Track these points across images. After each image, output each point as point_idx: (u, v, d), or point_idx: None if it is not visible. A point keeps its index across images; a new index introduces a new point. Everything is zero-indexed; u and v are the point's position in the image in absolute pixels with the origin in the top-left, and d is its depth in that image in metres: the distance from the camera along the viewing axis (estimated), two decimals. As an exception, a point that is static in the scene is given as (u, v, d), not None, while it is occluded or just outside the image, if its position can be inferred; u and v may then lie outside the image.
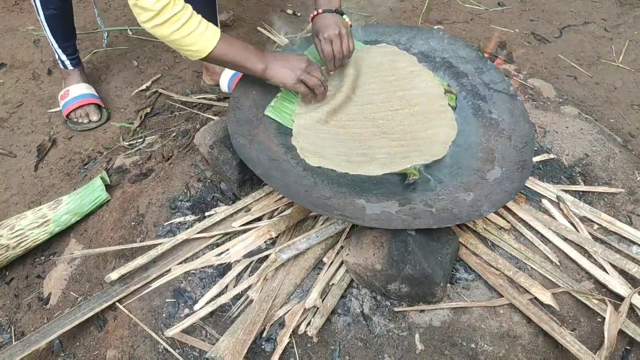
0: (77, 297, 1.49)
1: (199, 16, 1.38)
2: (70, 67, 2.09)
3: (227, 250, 1.42)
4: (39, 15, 1.91)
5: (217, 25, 2.10)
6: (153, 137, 1.98)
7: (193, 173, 1.66)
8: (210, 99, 2.13)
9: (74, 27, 2.05)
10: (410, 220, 1.28)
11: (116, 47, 2.48)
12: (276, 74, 1.49)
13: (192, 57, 1.43)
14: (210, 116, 1.90)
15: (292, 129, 1.54)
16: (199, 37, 1.37)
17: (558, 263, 1.43)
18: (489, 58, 1.97)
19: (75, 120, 2.08)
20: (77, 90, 2.09)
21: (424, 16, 2.54)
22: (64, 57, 2.06)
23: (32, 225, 1.61)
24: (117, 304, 1.40)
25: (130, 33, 2.56)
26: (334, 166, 1.44)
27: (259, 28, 2.30)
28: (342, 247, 1.44)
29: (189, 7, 1.36)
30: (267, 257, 1.41)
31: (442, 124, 1.56)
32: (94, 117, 2.08)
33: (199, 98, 2.15)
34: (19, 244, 1.60)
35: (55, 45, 2.01)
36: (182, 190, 1.61)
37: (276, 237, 1.44)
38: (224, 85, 2.10)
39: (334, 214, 1.26)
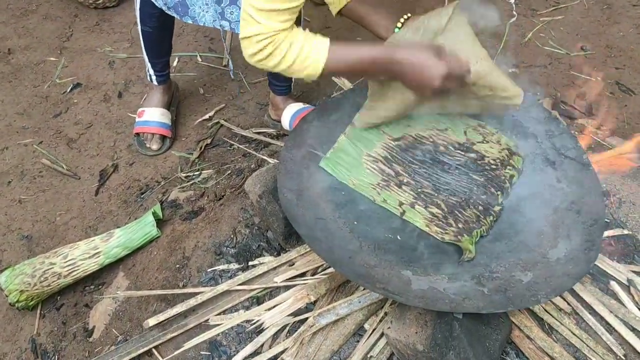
0: (118, 336, 1.50)
1: (302, 38, 1.27)
2: (156, 82, 2.13)
3: (269, 309, 1.38)
4: (138, 25, 1.93)
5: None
6: (209, 171, 1.99)
7: (242, 218, 1.64)
8: (270, 135, 2.12)
9: (170, 46, 2.07)
10: (458, 301, 1.19)
11: (185, 73, 2.52)
12: (408, 54, 1.27)
13: (308, 80, 1.34)
14: (265, 157, 1.88)
15: (345, 185, 1.48)
16: (303, 63, 1.27)
17: (623, 357, 1.29)
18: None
19: (142, 140, 2.14)
20: (152, 115, 2.14)
21: (498, 57, 2.41)
22: (152, 72, 2.09)
23: (84, 255, 1.65)
24: (154, 350, 1.40)
25: (200, 60, 2.60)
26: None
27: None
28: (386, 313, 1.37)
29: (292, 34, 1.27)
30: (306, 318, 1.36)
31: None
32: (154, 146, 2.12)
33: (256, 133, 2.14)
34: (70, 273, 1.64)
35: (146, 59, 2.05)
36: (228, 235, 1.60)
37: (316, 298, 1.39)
38: (285, 122, 2.09)
39: (376, 288, 1.19)
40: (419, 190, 1.46)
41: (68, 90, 2.48)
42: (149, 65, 2.07)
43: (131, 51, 2.66)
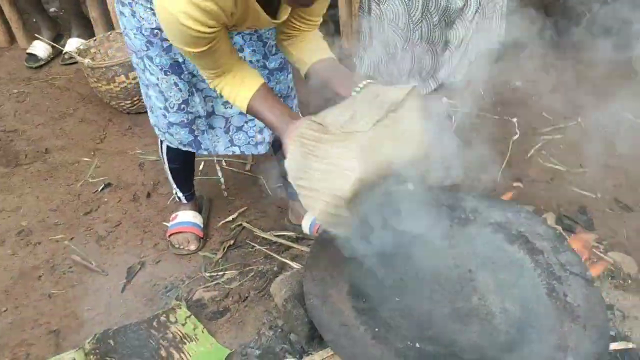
0: None
1: (231, 77, 1.49)
2: (184, 201, 2.30)
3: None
4: (164, 164, 2.15)
5: None
6: (233, 272, 2.10)
7: (266, 320, 1.74)
8: (290, 238, 2.25)
9: (193, 174, 2.30)
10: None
11: (210, 177, 2.70)
12: (287, 142, 1.41)
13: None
14: (287, 261, 2.00)
15: (366, 291, 1.58)
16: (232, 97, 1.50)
17: None
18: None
19: (174, 243, 2.26)
20: (184, 216, 2.29)
21: (503, 172, 2.59)
22: (180, 195, 2.28)
23: None
24: None
25: (225, 164, 2.79)
26: None
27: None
28: (404, 421, 1.43)
29: (225, 72, 1.47)
30: (327, 423, 1.42)
31: None
32: (192, 247, 2.24)
33: (277, 235, 2.27)
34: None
35: (174, 185, 2.25)
36: (253, 337, 1.68)
37: (338, 404, 1.45)
38: (306, 227, 2.22)
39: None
40: None
41: (99, 190, 2.65)
42: (177, 189, 2.27)
43: (160, 154, 2.86)
